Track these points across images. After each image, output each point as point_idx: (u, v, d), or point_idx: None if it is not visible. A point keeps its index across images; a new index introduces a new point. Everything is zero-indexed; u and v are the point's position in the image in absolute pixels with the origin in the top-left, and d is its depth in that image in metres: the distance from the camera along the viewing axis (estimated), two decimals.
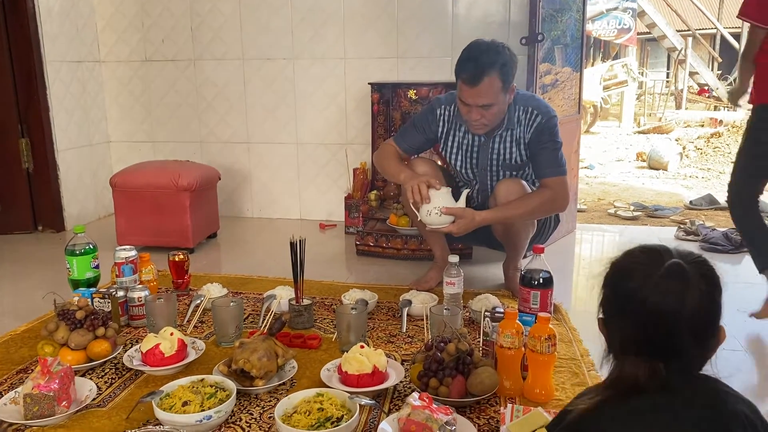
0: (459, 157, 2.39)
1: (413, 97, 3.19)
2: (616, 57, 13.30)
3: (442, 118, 2.37)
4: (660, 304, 0.93)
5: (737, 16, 2.37)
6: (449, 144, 2.40)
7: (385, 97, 3.29)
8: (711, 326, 0.96)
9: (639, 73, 12.15)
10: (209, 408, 1.49)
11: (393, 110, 3.27)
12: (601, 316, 1.06)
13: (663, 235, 3.51)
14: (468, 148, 2.37)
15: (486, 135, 2.31)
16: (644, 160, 7.03)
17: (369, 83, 3.33)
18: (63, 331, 1.84)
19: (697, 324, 0.94)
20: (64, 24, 3.61)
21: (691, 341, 0.94)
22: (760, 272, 2.37)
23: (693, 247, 3.24)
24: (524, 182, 2.30)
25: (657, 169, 6.59)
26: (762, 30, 2.23)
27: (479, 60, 2.11)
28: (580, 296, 2.61)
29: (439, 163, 2.68)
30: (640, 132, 9.91)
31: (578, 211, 3.91)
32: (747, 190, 2.35)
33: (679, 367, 0.94)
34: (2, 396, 1.64)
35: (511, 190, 2.25)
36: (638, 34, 13.33)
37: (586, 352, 1.95)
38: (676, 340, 0.94)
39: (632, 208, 4.35)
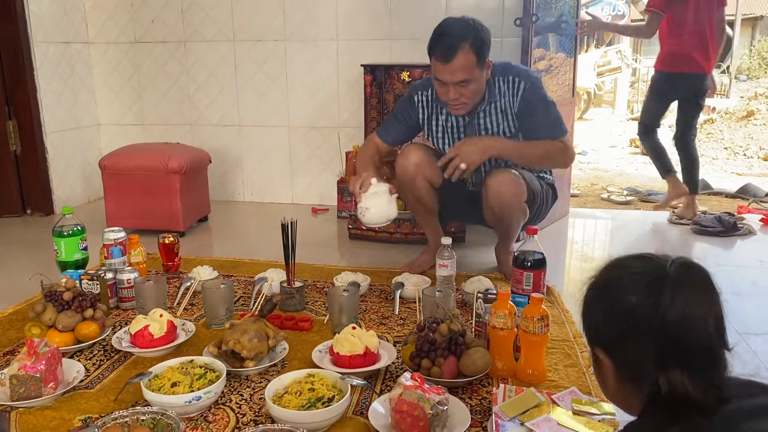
0: (445, 140, 2.35)
1: (406, 79, 3.15)
2: (609, 43, 13.25)
3: (420, 104, 2.32)
4: (687, 314, 0.82)
5: (647, 8, 3.42)
6: (433, 128, 2.35)
7: (378, 80, 3.25)
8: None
9: (633, 59, 12.12)
10: (198, 389, 1.47)
11: (386, 93, 3.24)
12: (595, 351, 0.94)
13: (657, 219, 3.51)
14: (453, 129, 2.32)
15: (468, 113, 2.26)
16: (637, 146, 7.02)
17: (362, 65, 3.29)
18: (50, 312, 1.81)
19: (721, 323, 0.85)
20: (52, 4, 3.54)
21: (723, 345, 0.85)
22: (663, 178, 3.64)
23: (685, 231, 3.25)
24: (514, 170, 2.25)
25: None
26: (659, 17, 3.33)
27: (451, 35, 2.07)
28: (572, 279, 2.60)
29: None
30: (633, 119, 9.90)
31: (571, 196, 3.90)
32: (650, 121, 3.58)
33: (720, 374, 0.84)
34: None
35: (501, 180, 2.21)
36: (632, 20, 13.30)
37: (578, 333, 1.94)
38: (713, 349, 0.84)
39: (625, 192, 4.34)
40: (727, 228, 3.16)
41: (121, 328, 1.90)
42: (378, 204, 2.10)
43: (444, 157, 2.18)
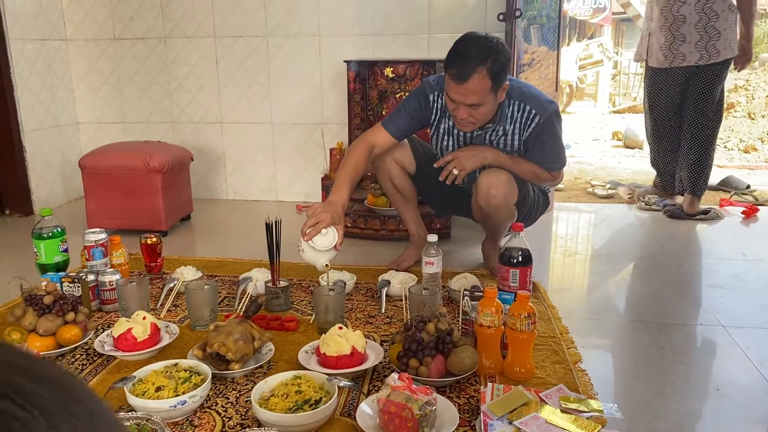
0: (449, 146, 2.32)
1: (390, 75, 3.14)
2: (591, 37, 13.31)
3: (435, 104, 2.27)
4: None
5: None
6: (440, 131, 2.32)
7: (362, 75, 3.23)
8: None
9: (614, 52, 12.19)
10: (183, 393, 1.45)
11: (369, 88, 3.22)
12: None
13: (639, 213, 3.53)
14: (460, 138, 2.29)
15: (479, 128, 2.23)
16: (620, 140, 7.06)
17: (345, 61, 3.27)
18: (31, 316, 1.78)
19: None
20: (28, 0, 3.47)
21: None
22: None
23: (658, 217, 3.38)
24: (508, 173, 2.23)
25: (632, 148, 6.63)
26: None
27: (468, 56, 1.99)
28: (558, 274, 2.61)
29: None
30: (615, 111, 9.96)
31: (556, 190, 3.91)
32: None
33: None
34: None
35: (493, 180, 2.20)
36: (613, 13, 13.37)
37: (565, 329, 1.95)
38: None
39: (608, 186, 4.37)
40: (691, 214, 3.34)
41: (103, 331, 1.87)
42: (312, 257, 2.01)
43: (442, 159, 2.26)
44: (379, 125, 2.32)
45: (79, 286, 2.07)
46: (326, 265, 2.01)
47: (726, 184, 4.25)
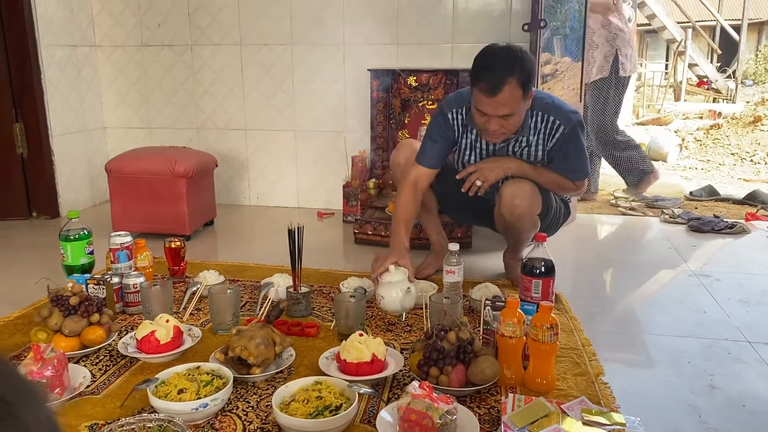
0: (472, 159, 2.32)
1: (413, 83, 3.15)
2: None
3: (455, 122, 2.27)
4: None
5: None
6: (462, 146, 2.32)
7: (385, 84, 3.24)
8: None
9: (638, 64, 12.09)
10: (205, 396, 1.47)
11: (392, 97, 3.23)
12: None
13: (663, 226, 3.49)
14: (483, 151, 2.29)
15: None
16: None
17: (368, 69, 3.28)
18: (57, 317, 1.81)
19: None
20: (59, 7, 3.55)
21: None
22: None
23: (679, 229, 3.36)
24: (532, 183, 2.22)
25: (656, 161, 6.55)
26: None
27: (497, 69, 1.99)
28: (580, 286, 2.59)
29: None
30: (639, 124, 9.88)
31: (579, 200, 3.89)
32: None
33: None
34: None
35: (516, 191, 2.19)
36: (638, 25, 13.27)
37: (587, 341, 1.93)
38: None
39: (632, 198, 4.32)
40: (722, 226, 3.31)
41: (127, 333, 1.89)
42: (392, 296, 2.05)
43: (464, 171, 2.26)
44: (414, 162, 2.34)
45: (104, 288, 2.10)
46: (408, 288, 2.06)
47: (752, 198, 4.18)
